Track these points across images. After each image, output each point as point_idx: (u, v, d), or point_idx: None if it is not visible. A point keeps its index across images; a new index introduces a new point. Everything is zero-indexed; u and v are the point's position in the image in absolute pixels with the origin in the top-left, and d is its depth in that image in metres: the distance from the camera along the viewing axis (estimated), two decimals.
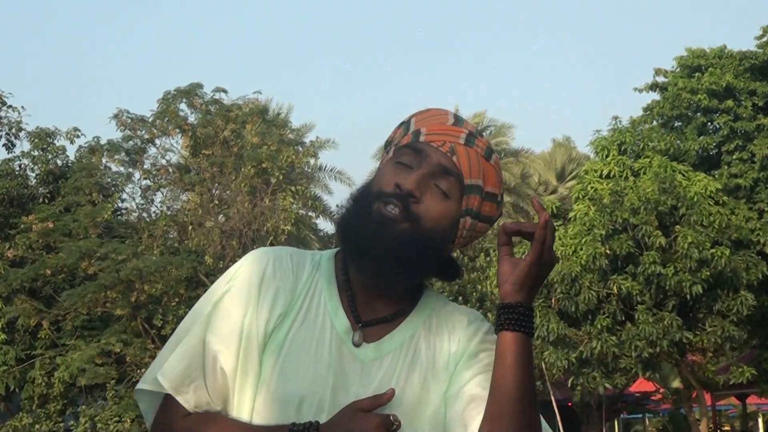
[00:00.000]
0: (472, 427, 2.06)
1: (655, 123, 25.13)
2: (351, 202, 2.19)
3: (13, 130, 27.52)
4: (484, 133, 42.13)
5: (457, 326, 2.21)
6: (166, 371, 2.11)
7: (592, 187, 22.05)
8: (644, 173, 21.63)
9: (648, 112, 25.39)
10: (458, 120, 2.24)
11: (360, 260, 2.14)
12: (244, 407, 2.10)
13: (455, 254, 2.30)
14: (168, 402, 2.13)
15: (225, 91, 27.27)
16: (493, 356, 2.11)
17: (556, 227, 22.41)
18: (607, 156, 22.58)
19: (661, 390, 26.75)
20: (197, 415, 2.11)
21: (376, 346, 2.14)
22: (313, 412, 2.06)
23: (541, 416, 2.09)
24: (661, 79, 25.53)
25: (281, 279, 2.16)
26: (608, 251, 20.88)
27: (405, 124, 2.26)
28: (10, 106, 27.49)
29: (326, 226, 34.36)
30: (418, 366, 2.14)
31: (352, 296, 2.17)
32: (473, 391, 2.10)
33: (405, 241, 2.09)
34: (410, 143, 2.20)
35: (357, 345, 2.13)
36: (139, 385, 2.14)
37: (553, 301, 21.94)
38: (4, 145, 27.54)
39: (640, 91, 25.74)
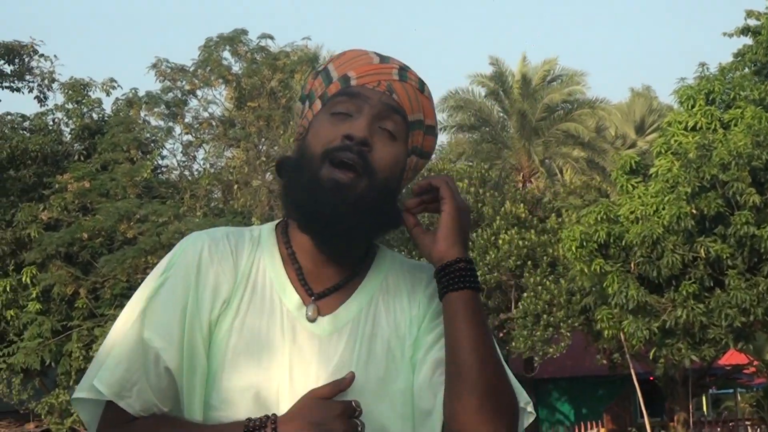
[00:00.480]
0: (441, 394, 2.07)
1: (747, 70, 24.67)
2: (292, 169, 2.15)
3: (46, 82, 27.54)
4: (553, 83, 41.83)
5: (416, 286, 2.20)
6: (104, 377, 2.08)
7: (676, 141, 21.86)
8: (735, 125, 21.38)
9: (739, 59, 24.91)
10: (383, 57, 2.23)
11: (320, 234, 2.11)
12: (195, 406, 2.08)
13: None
14: (110, 409, 2.10)
15: (272, 38, 27.08)
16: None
17: (635, 184, 22.27)
18: (692, 106, 22.32)
19: (755, 362, 26.51)
20: (143, 419, 2.08)
21: (332, 318, 2.12)
22: (272, 402, 2.06)
23: (509, 375, 2.09)
24: (753, 22, 25.02)
25: (219, 263, 2.13)
26: (694, 211, 20.69)
27: (323, 73, 2.22)
28: (42, 55, 27.47)
29: None
30: (380, 334, 2.13)
31: (299, 269, 2.15)
32: (438, 355, 2.10)
33: (365, 203, 2.08)
34: (342, 89, 2.16)
35: (311, 320, 2.12)
36: (76, 394, 2.12)
37: (632, 265, 21.80)
38: (36, 97, 27.61)
39: (730, 35, 25.23)
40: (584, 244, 21.92)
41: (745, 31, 25.16)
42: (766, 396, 26.02)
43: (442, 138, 52.32)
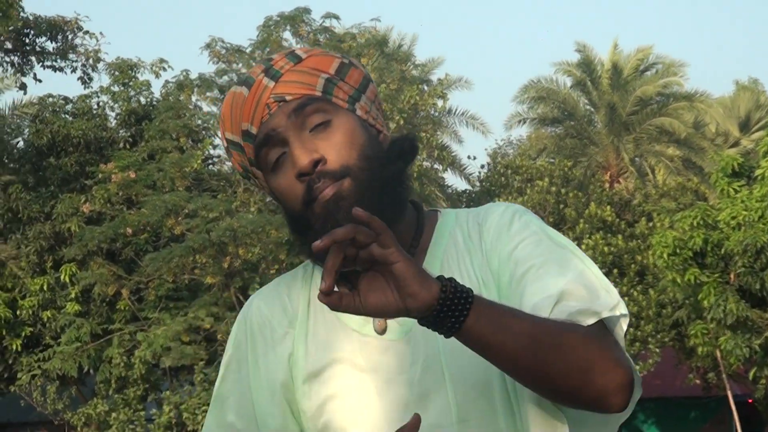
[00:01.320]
0: (525, 297, 2.09)
1: None
2: (297, 236, 2.19)
3: (91, 61, 27.79)
4: (647, 73, 41.62)
5: (474, 240, 2.21)
6: None
7: None
8: None
9: None
10: (246, 79, 2.23)
11: None
12: None
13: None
14: None
15: (337, 18, 27.19)
16: (522, 232, 2.18)
17: (738, 188, 22.18)
18: None
19: None
20: None
21: (401, 321, 2.14)
22: (374, 426, 2.11)
23: (587, 284, 2.09)
24: None
25: (272, 318, 2.25)
26: None
27: (231, 144, 2.25)
28: (87, 32, 27.77)
29: (455, 180, 34.41)
30: None
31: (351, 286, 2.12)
32: (518, 254, 2.13)
33: (364, 189, 2.11)
34: (255, 146, 2.20)
35: (381, 332, 2.15)
36: None
37: (732, 276, 21.76)
38: (79, 78, 27.87)
39: None
40: (678, 251, 21.84)
41: None
42: None
43: (521, 132, 52.09)
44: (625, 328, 2.11)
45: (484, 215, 2.24)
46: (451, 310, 1.91)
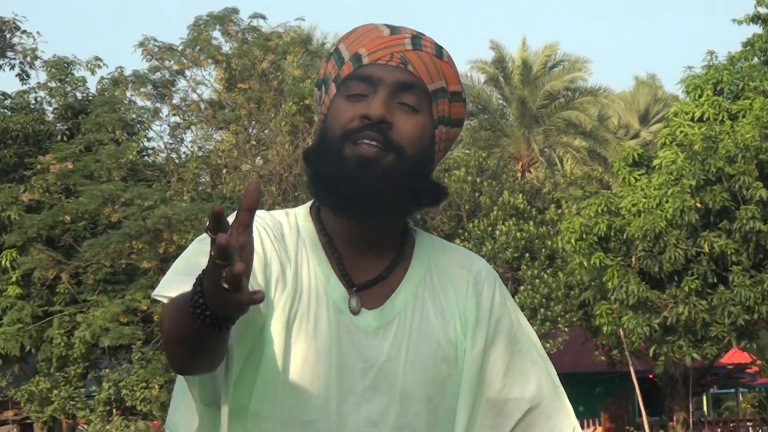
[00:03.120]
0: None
1: (756, 60, 24.71)
2: (316, 155, 2.12)
3: (28, 59, 27.60)
4: (555, 69, 41.91)
5: (457, 281, 2.19)
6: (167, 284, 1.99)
7: (681, 132, 21.87)
8: (743, 117, 21.41)
9: (748, 47, 24.95)
10: (393, 28, 2.19)
11: (354, 214, 2.09)
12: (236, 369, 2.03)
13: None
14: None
15: (264, 18, 27.15)
16: (511, 321, 2.20)
17: (638, 176, 22.27)
18: (699, 96, 22.34)
19: (758, 362, 26.63)
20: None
21: (378, 314, 2.12)
22: (318, 396, 2.06)
23: None
24: (763, 10, 25.05)
25: (276, 239, 2.11)
26: (699, 204, 20.74)
27: (335, 54, 2.19)
28: (24, 31, 27.60)
29: None
30: (429, 332, 2.13)
31: (339, 258, 2.13)
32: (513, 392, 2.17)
33: (394, 176, 2.07)
34: (354, 72, 2.14)
35: (355, 312, 2.11)
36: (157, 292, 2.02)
37: (633, 259, 21.86)
38: (18, 75, 27.68)
39: (740, 23, 25.27)
40: (584, 236, 21.93)
41: (755, 18, 25.17)
42: None
43: None
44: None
45: (466, 262, 2.23)
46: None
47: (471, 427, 2.13)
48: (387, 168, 2.06)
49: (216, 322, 1.76)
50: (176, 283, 1.96)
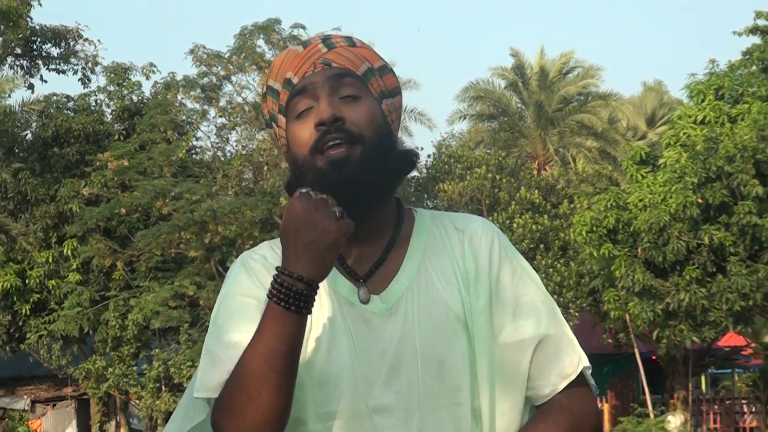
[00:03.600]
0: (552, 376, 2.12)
1: (754, 68, 24.56)
2: (295, 184, 2.09)
3: (89, 65, 27.69)
4: (569, 75, 41.73)
5: (454, 243, 2.15)
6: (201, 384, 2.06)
7: (684, 133, 21.76)
8: (742, 120, 21.24)
9: (748, 56, 24.78)
10: (304, 42, 2.19)
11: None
12: None
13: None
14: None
15: (304, 27, 27.09)
16: (513, 267, 2.14)
17: (645, 174, 22.18)
18: (702, 101, 22.20)
19: (753, 345, 26.49)
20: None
21: (384, 296, 2.08)
22: (336, 384, 2.03)
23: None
24: (762, 22, 24.87)
25: (269, 270, 2.06)
26: (700, 200, 20.62)
27: (269, 91, 2.17)
28: (87, 40, 27.63)
29: None
30: (437, 301, 2.09)
31: (340, 257, 2.09)
32: (527, 334, 2.12)
33: (369, 164, 2.04)
34: (291, 93, 2.12)
35: (365, 302, 2.07)
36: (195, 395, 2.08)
37: (639, 250, 21.76)
38: (80, 79, 27.77)
39: (740, 34, 25.11)
40: (594, 229, 21.86)
41: (754, 30, 25.02)
42: (761, 376, 25.95)
43: (462, 126, 52.04)
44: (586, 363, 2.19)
45: (462, 224, 2.19)
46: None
47: (492, 374, 2.09)
48: (359, 160, 2.04)
49: (303, 298, 1.90)
50: (211, 372, 2.03)
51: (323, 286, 2.02)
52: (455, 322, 2.08)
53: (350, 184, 2.02)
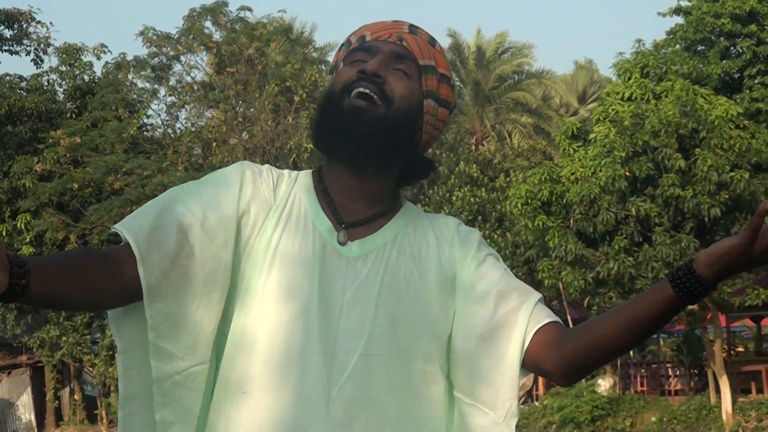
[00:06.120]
0: (516, 334, 2.04)
1: (678, 47, 24.90)
2: (320, 105, 2.15)
3: (42, 46, 27.55)
4: (504, 55, 41.97)
5: (443, 230, 2.17)
6: (130, 224, 2.03)
7: (613, 110, 21.95)
8: (666, 96, 21.46)
9: (671, 36, 25.15)
10: (397, 20, 2.23)
11: (345, 155, 2.09)
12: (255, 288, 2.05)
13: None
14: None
15: (250, 10, 27.16)
16: (497, 262, 2.15)
17: (576, 148, 22.39)
18: (629, 79, 22.42)
19: None
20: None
21: (360, 243, 2.09)
22: (303, 309, 2.02)
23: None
24: (684, 3, 25.24)
25: (262, 183, 2.11)
26: (627, 173, 20.84)
27: (345, 43, 2.21)
28: (39, 22, 27.51)
29: None
30: (404, 265, 2.10)
31: (331, 201, 2.12)
32: (498, 287, 2.09)
33: (383, 124, 2.06)
34: (358, 45, 2.16)
35: (342, 244, 2.09)
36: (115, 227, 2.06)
37: (571, 221, 21.98)
38: (32, 60, 27.62)
39: (664, 15, 25.48)
40: (529, 201, 22.04)
41: (677, 11, 25.35)
42: (685, 341, 26.33)
43: None
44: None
45: (443, 218, 2.20)
46: (688, 287, 1.91)
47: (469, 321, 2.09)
48: (377, 117, 2.06)
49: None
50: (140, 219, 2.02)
51: (302, 216, 2.09)
52: (416, 291, 2.08)
53: (357, 134, 2.06)
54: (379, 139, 2.06)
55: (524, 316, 2.05)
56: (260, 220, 2.08)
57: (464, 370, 2.10)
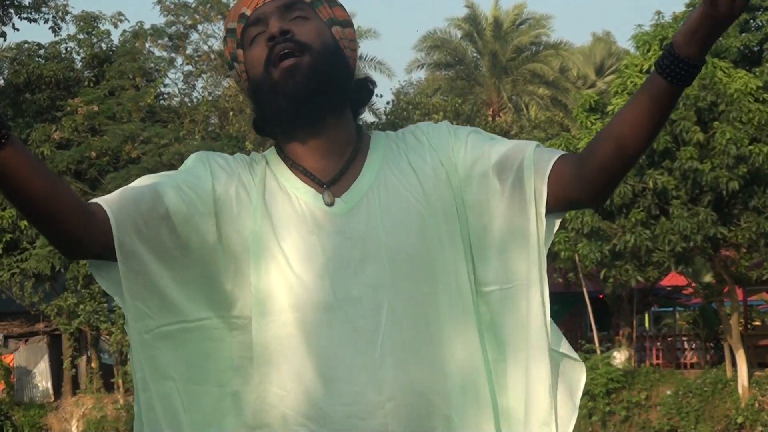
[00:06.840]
0: (529, 150, 2.10)
1: None
2: (254, 98, 2.16)
3: (60, 14, 27.47)
4: (522, 26, 41.71)
5: (416, 142, 2.18)
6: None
7: (631, 82, 21.77)
8: None
9: (691, 8, 24.86)
10: None
11: (300, 119, 2.10)
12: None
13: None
14: None
15: None
16: (478, 135, 2.17)
17: (594, 121, 22.25)
18: (648, 51, 22.21)
19: (693, 284, 26.77)
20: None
21: (346, 197, 2.11)
22: (318, 272, 2.05)
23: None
24: None
25: (237, 168, 2.13)
26: None
27: (228, 33, 2.20)
28: None
29: (365, 115, 34.38)
30: (399, 199, 2.11)
31: (304, 169, 2.13)
32: (493, 160, 2.11)
33: (318, 70, 2.08)
34: (244, 24, 2.15)
35: (329, 204, 2.10)
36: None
37: None
38: (50, 28, 27.55)
39: None
40: None
41: None
42: (701, 315, 26.23)
43: (420, 75, 51.94)
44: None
45: (414, 127, 2.22)
46: (677, 71, 1.92)
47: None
48: (308, 67, 2.07)
49: None
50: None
51: (284, 192, 2.11)
52: (418, 218, 2.10)
53: (303, 92, 2.06)
54: (324, 83, 2.07)
55: (529, 174, 2.07)
56: (244, 198, 2.09)
57: (495, 256, 2.13)
